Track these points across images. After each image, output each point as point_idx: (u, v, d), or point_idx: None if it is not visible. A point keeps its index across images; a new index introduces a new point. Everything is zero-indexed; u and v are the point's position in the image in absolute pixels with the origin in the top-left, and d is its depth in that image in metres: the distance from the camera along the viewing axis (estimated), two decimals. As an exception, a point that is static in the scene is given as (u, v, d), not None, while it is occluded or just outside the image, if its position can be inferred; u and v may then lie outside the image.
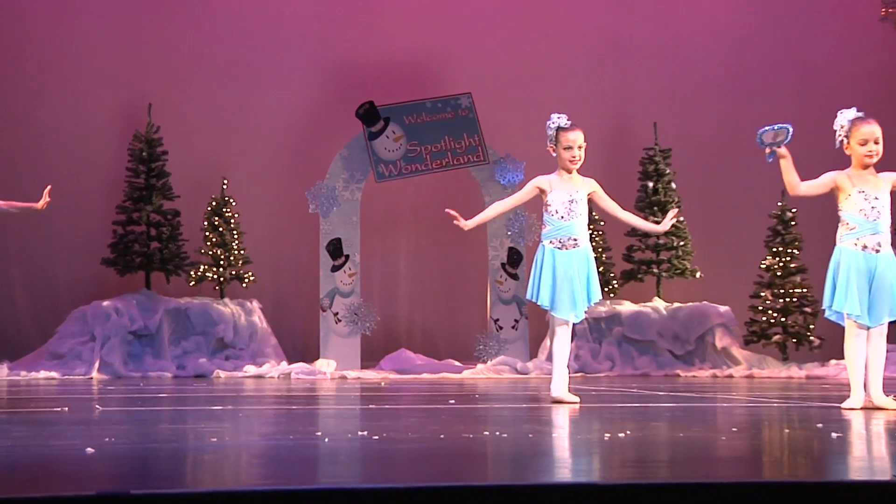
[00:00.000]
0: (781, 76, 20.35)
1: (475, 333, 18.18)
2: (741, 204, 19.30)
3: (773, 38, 20.50)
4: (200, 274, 17.52)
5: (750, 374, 17.29)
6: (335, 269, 17.63)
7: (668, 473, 4.56)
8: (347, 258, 17.66)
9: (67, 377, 15.57)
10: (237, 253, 17.66)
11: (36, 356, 16.50)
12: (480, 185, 18.02)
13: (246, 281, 17.68)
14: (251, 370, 16.26)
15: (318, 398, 10.86)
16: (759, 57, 20.44)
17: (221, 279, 17.61)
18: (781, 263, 18.36)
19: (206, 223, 17.69)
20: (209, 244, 17.61)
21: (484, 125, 17.68)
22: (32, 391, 12.09)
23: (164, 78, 18.58)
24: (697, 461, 4.97)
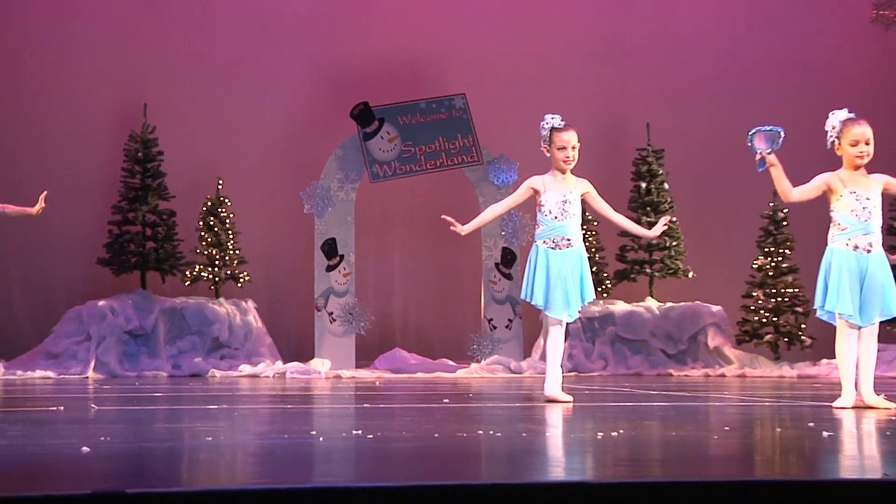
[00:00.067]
0: (774, 77, 20.36)
1: (469, 333, 18.17)
2: (733, 204, 19.32)
3: (766, 39, 20.50)
4: (196, 274, 17.52)
5: (742, 373, 17.31)
6: (330, 268, 17.64)
7: (660, 472, 4.58)
8: (342, 258, 17.67)
9: (63, 376, 15.52)
10: (232, 253, 17.66)
11: (32, 355, 16.49)
12: (474, 185, 18.03)
13: (241, 281, 17.68)
14: (246, 369, 16.25)
15: (312, 397, 10.86)
16: (751, 58, 20.44)
17: (217, 279, 17.62)
18: (773, 263, 18.39)
19: (201, 223, 17.68)
20: (204, 244, 17.62)
21: (478, 126, 17.69)
22: (28, 390, 12.03)
23: (159, 78, 18.57)
24: (690, 460, 4.98)
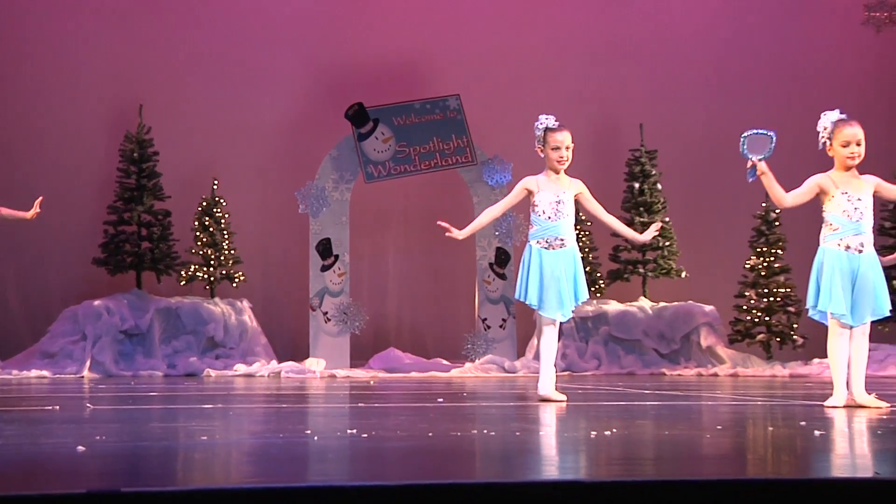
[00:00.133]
0: (767, 78, 20.37)
1: (463, 332, 18.18)
2: (726, 205, 19.33)
3: (759, 40, 20.50)
4: (191, 274, 17.51)
5: (734, 372, 17.35)
6: (325, 268, 17.66)
7: (653, 471, 4.59)
8: (337, 258, 17.68)
9: (58, 376, 15.51)
10: (227, 253, 17.66)
11: (27, 355, 16.47)
12: (468, 185, 18.05)
13: (236, 280, 17.68)
14: (241, 369, 16.25)
15: (307, 397, 10.86)
16: (745, 59, 20.45)
17: (212, 279, 17.62)
18: (765, 263, 18.41)
19: (196, 223, 17.67)
20: (200, 244, 17.61)
21: (472, 126, 17.70)
22: (24, 390, 12.04)
23: (155, 79, 18.55)
24: (682, 459, 5.00)
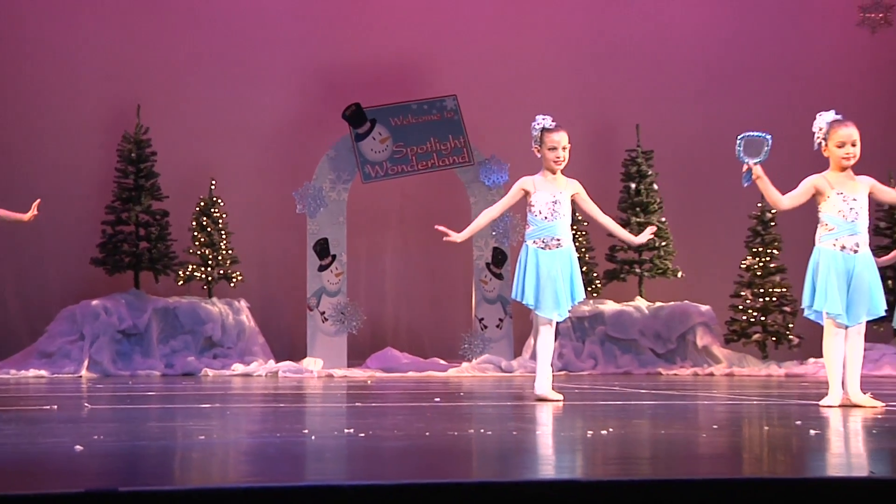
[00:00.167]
0: (763, 79, 20.37)
1: (460, 332, 18.19)
2: (722, 205, 19.33)
3: (754, 41, 20.51)
4: (189, 273, 17.52)
5: (730, 372, 17.36)
6: (322, 268, 17.67)
7: (649, 470, 4.60)
8: (334, 258, 17.69)
9: (57, 375, 15.53)
10: (225, 253, 17.67)
11: (25, 355, 16.49)
12: (465, 186, 18.06)
13: (234, 280, 17.70)
14: (239, 368, 16.27)
15: (305, 396, 10.87)
16: (740, 60, 20.45)
17: (209, 279, 17.63)
18: (761, 263, 18.43)
19: (194, 223, 17.69)
20: (197, 244, 17.62)
21: (469, 127, 17.71)
22: (22, 389, 12.05)
23: (153, 79, 18.55)
24: (679, 458, 5.00)
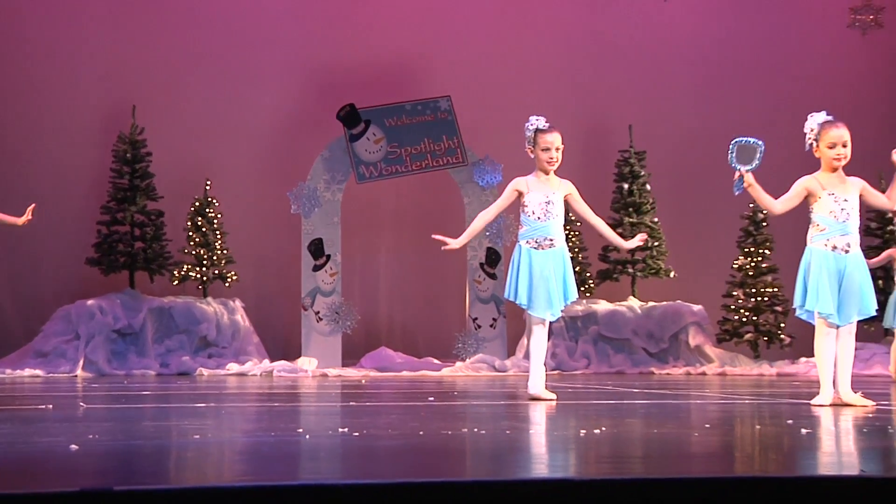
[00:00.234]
0: (755, 80, 20.40)
1: (454, 332, 18.20)
2: (714, 205, 19.33)
3: (747, 42, 20.53)
4: (184, 273, 17.53)
5: (722, 371, 17.42)
6: (317, 268, 17.68)
7: (642, 469, 4.61)
8: (329, 258, 17.72)
9: (52, 375, 15.53)
10: (220, 253, 17.69)
11: (21, 354, 16.50)
12: (459, 186, 18.08)
13: (229, 280, 17.71)
14: (234, 368, 16.28)
15: (299, 395, 10.86)
16: (732, 61, 20.48)
17: (204, 278, 17.64)
18: (753, 263, 18.48)
19: (189, 223, 17.70)
20: (192, 244, 17.64)
21: (463, 127, 17.73)
22: (17, 389, 12.01)
23: (148, 80, 18.54)
24: (671, 457, 5.02)
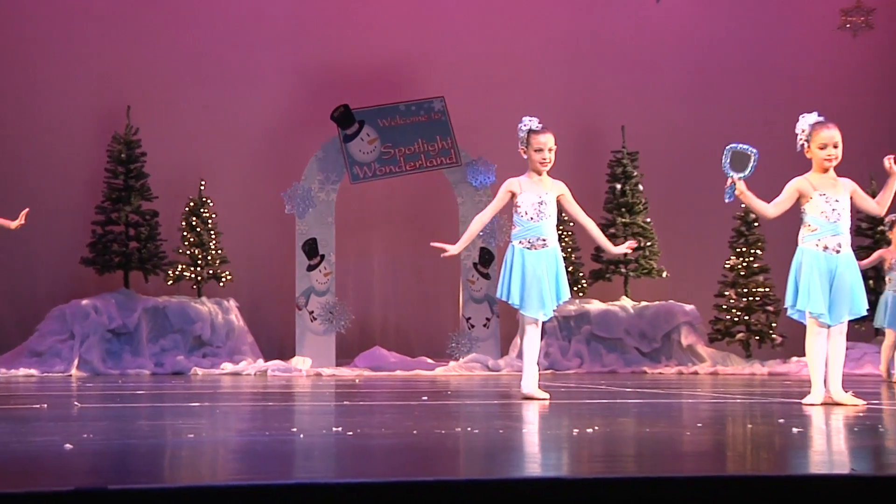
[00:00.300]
0: (746, 81, 20.43)
1: (448, 331, 18.24)
2: (706, 206, 19.25)
3: (738, 44, 20.55)
4: (178, 273, 17.56)
5: (714, 370, 17.45)
6: (311, 268, 17.71)
7: (634, 468, 4.62)
8: (323, 258, 17.74)
9: (47, 374, 15.55)
10: (214, 253, 17.71)
11: (15, 354, 16.51)
12: (453, 186, 18.11)
13: (223, 280, 17.73)
14: (228, 367, 16.31)
15: (293, 395, 10.86)
16: (724, 62, 20.51)
17: (199, 278, 17.66)
18: (745, 263, 18.52)
19: (183, 223, 17.72)
20: (187, 244, 17.66)
21: (456, 128, 17.76)
22: (12, 388, 12.01)
23: (143, 81, 18.55)
24: (663, 456, 5.02)
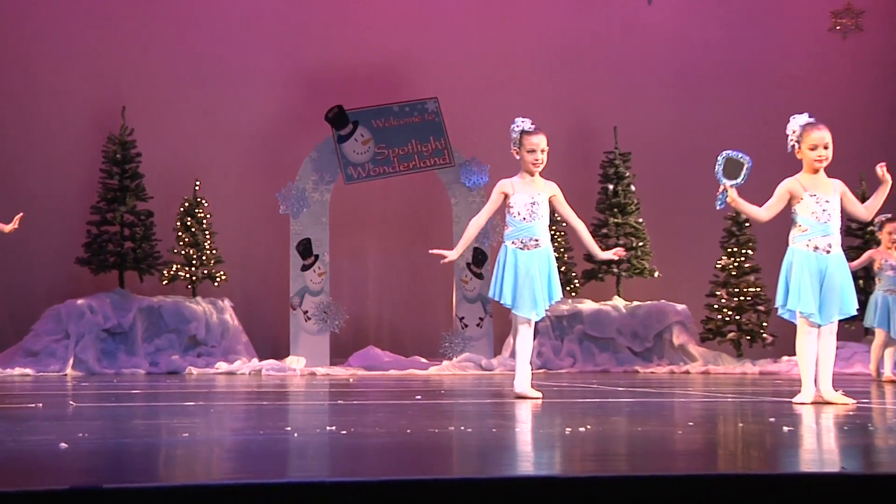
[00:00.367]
0: (738, 82, 20.44)
1: (441, 331, 18.25)
2: (698, 206, 19.25)
3: (729, 45, 20.55)
4: (173, 273, 17.56)
5: (706, 370, 17.45)
6: (305, 268, 17.73)
7: (626, 466, 4.63)
8: (317, 258, 17.76)
9: (42, 374, 15.54)
10: (209, 252, 17.72)
11: (11, 353, 16.50)
12: (446, 186, 18.12)
13: (218, 280, 17.75)
14: (223, 367, 16.32)
15: (287, 394, 10.85)
16: (716, 63, 20.51)
17: (194, 278, 17.67)
18: (736, 263, 18.54)
19: (178, 223, 17.72)
20: (182, 244, 17.67)
21: (450, 129, 17.76)
22: (7, 388, 11.96)
23: (138, 81, 18.55)
24: (655, 454, 5.04)
